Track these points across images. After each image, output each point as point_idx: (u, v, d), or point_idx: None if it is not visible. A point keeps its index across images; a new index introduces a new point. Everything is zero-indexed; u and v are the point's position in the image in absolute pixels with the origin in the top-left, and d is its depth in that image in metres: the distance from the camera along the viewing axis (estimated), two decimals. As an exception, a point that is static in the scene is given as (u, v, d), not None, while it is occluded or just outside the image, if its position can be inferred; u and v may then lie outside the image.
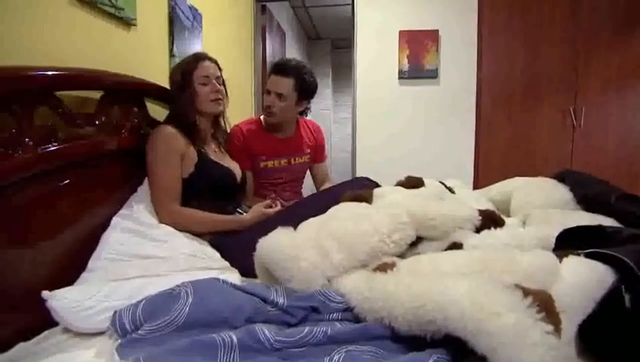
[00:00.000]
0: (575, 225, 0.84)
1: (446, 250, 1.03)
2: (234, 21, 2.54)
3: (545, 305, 0.58)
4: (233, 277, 1.08)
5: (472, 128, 2.94)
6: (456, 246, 1.03)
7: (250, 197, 1.71)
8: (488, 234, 1.02)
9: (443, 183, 1.55)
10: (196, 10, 1.91)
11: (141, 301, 0.81)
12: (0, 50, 0.94)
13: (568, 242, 0.81)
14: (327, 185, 1.87)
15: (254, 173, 1.73)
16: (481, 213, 1.14)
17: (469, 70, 2.90)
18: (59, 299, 0.79)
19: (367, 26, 3.00)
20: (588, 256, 0.70)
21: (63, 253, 1.03)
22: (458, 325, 0.59)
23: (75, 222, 1.08)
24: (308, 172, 1.93)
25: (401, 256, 1.05)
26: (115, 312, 0.79)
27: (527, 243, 0.88)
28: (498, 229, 1.05)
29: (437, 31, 2.90)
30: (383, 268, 0.89)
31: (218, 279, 0.90)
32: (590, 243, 0.75)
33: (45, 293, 0.79)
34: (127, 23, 1.39)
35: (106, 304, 0.84)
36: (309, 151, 1.83)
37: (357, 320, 0.83)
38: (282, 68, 1.65)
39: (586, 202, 1.12)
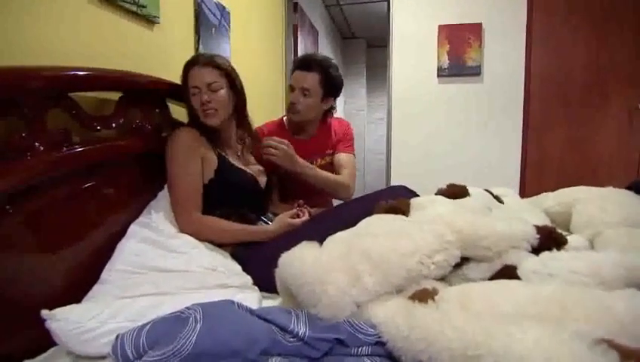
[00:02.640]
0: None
1: (497, 274, 0.88)
2: (264, 19, 2.47)
3: (652, 372, 0.43)
4: (252, 296, 0.98)
5: (518, 130, 2.70)
6: (509, 270, 0.88)
7: (276, 203, 1.61)
8: (550, 257, 0.85)
9: (489, 191, 1.38)
10: (224, 7, 1.85)
11: (146, 324, 0.73)
12: (18, 51, 0.90)
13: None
14: (341, 178, 1.63)
15: (278, 178, 1.64)
16: (539, 229, 0.97)
17: (517, 65, 2.66)
18: (58, 320, 0.72)
19: (404, 21, 2.84)
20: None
21: (78, 263, 0.98)
22: (526, 390, 0.45)
23: (92, 230, 1.03)
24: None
25: (443, 278, 0.91)
26: (117, 336, 0.71)
27: (607, 275, 0.70)
28: (562, 251, 0.88)
29: (480, 24, 2.69)
30: (423, 296, 0.76)
31: (233, 302, 0.79)
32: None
33: (44, 313, 0.72)
34: (150, 21, 1.33)
35: (110, 326, 0.76)
36: (331, 151, 1.71)
37: (390, 356, 0.71)
38: (306, 62, 1.56)
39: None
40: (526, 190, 2.59)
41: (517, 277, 0.85)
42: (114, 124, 1.08)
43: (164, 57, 1.44)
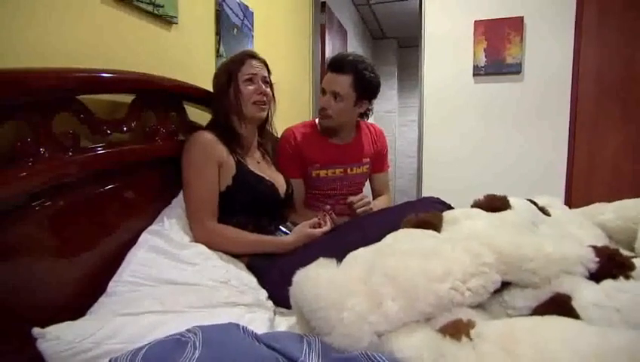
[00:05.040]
0: None
1: (546, 304, 0.74)
2: (290, 19, 2.40)
3: None
4: (262, 317, 0.90)
5: (564, 133, 2.47)
6: (561, 300, 0.74)
7: (299, 209, 1.53)
8: (615, 287, 0.71)
9: (534, 202, 1.22)
10: (247, 7, 1.79)
11: (142, 348, 0.66)
12: (30, 52, 0.87)
13: None
14: (383, 199, 1.62)
15: (305, 183, 1.55)
16: (598, 251, 0.82)
17: (563, 62, 2.44)
18: (49, 340, 0.67)
19: (437, 17, 2.68)
20: None
21: (89, 272, 0.93)
22: None
23: (105, 237, 0.98)
24: (367, 183, 1.71)
25: (480, 304, 0.79)
26: (110, 361, 0.64)
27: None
28: (631, 281, 0.73)
29: (521, 18, 2.49)
30: (456, 330, 0.64)
31: (237, 325, 0.71)
32: None
33: (36, 331, 0.67)
34: (167, 21, 1.29)
35: (106, 347, 0.70)
36: (368, 160, 1.61)
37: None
38: (338, 63, 1.44)
39: None
40: (572, 200, 2.37)
41: (571, 309, 0.72)
42: (125, 128, 1.03)
43: (183, 59, 1.40)
